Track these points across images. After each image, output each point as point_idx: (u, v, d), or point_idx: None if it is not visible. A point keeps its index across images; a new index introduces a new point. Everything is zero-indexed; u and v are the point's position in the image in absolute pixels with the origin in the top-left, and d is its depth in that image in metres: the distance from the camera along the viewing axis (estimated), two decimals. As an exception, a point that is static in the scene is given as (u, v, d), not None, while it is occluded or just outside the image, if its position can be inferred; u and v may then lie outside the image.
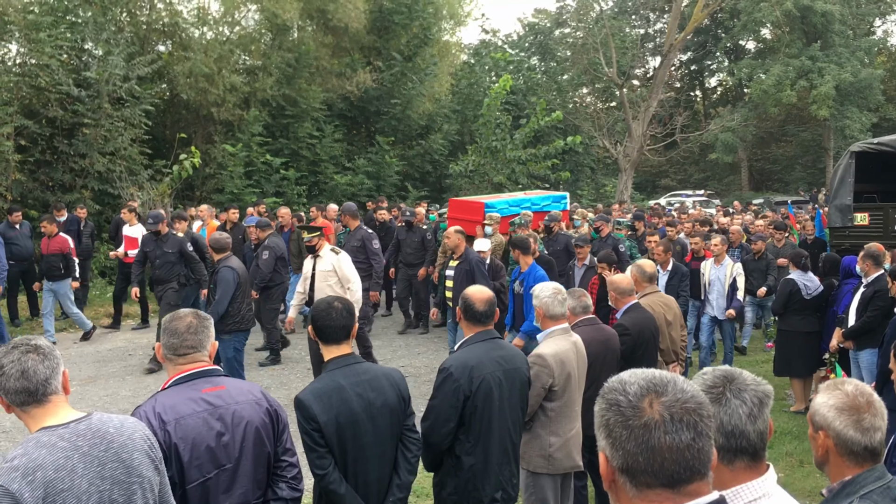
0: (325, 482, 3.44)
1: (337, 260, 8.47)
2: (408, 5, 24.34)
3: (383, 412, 3.56)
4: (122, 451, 2.60)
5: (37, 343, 2.64)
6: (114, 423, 2.65)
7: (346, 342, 3.68)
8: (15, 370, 2.55)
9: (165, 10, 20.95)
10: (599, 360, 5.02)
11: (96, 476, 2.49)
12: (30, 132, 15.53)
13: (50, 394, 2.59)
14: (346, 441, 3.47)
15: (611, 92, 33.45)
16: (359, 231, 10.32)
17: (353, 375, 3.57)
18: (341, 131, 23.29)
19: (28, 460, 2.39)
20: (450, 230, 9.42)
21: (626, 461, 1.52)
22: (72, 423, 2.56)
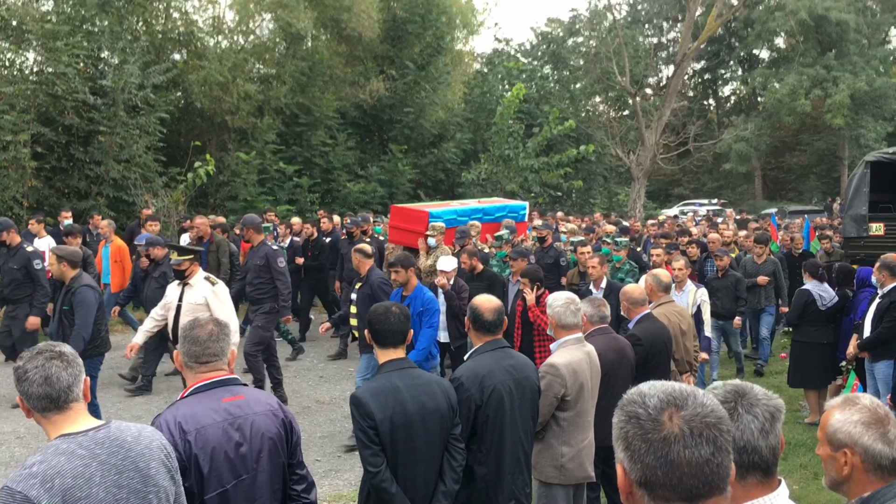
0: (377, 480, 3.48)
1: (211, 292, 7.13)
2: (421, 15, 24.42)
3: (434, 418, 3.62)
4: (140, 460, 2.61)
5: (61, 350, 2.65)
6: (131, 432, 2.66)
7: (402, 346, 3.76)
8: (38, 376, 2.56)
9: (181, 20, 21.16)
10: (614, 370, 5.01)
11: (113, 484, 2.51)
12: (46, 139, 15.67)
13: (71, 401, 2.60)
14: (399, 442, 3.53)
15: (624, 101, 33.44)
16: (262, 247, 9.07)
17: (408, 378, 3.64)
18: (354, 139, 23.36)
19: (47, 467, 2.41)
20: (354, 250, 8.08)
21: (645, 474, 1.51)
22: (90, 430, 2.57)
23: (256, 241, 9.18)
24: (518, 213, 12.94)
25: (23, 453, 7.32)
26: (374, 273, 7.83)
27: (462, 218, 11.73)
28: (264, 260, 8.92)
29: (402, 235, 11.53)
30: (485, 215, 12.25)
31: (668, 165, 32.84)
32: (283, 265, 9.03)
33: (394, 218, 12.31)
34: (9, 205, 14.67)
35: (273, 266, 8.89)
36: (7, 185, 14.72)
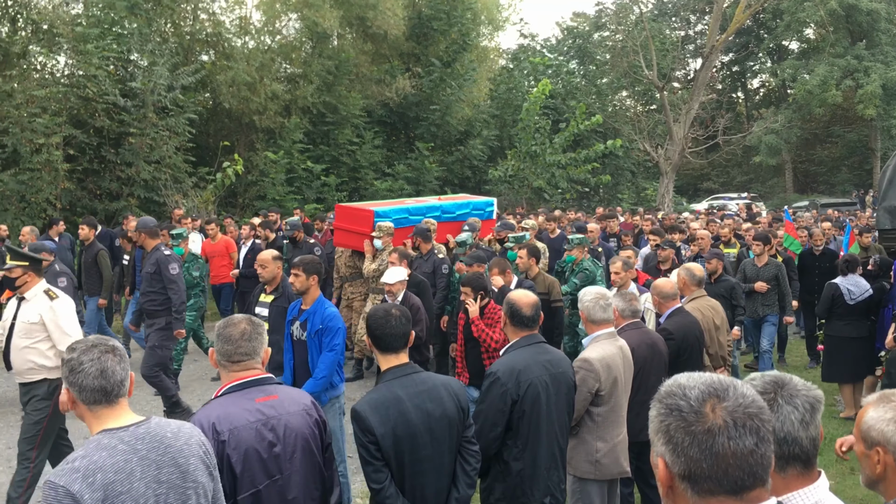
0: (381, 497, 3.36)
1: (49, 308, 5.81)
2: (446, 11, 24.42)
3: (442, 424, 3.47)
4: (179, 456, 2.64)
5: (114, 344, 2.70)
6: (171, 429, 2.69)
7: (404, 351, 3.60)
8: (95, 369, 2.59)
9: (208, 21, 21.34)
10: (647, 365, 4.97)
11: (153, 480, 2.54)
12: (78, 142, 15.89)
13: (121, 396, 2.65)
14: (404, 454, 3.39)
15: (651, 95, 33.15)
16: (154, 253, 8.25)
17: (411, 386, 3.48)
18: (381, 137, 23.42)
19: (89, 462, 2.44)
20: (265, 256, 6.98)
21: (689, 467, 1.50)
22: (132, 426, 2.61)
23: (150, 246, 8.38)
24: (484, 210, 11.66)
25: (60, 451, 7.43)
26: (288, 285, 6.66)
27: (415, 217, 10.62)
28: (155, 267, 8.17)
29: (347, 237, 10.49)
30: (443, 213, 11.02)
31: (697, 159, 32.58)
32: (176, 272, 8.22)
33: (338, 218, 11.10)
34: (42, 207, 14.90)
35: (165, 274, 8.12)
36: (40, 188, 14.95)
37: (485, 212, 11.59)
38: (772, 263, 9.61)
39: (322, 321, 5.59)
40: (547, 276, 8.15)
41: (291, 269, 5.80)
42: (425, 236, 9.55)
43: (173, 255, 8.44)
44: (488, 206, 11.88)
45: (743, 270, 9.73)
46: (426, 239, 9.49)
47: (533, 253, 8.09)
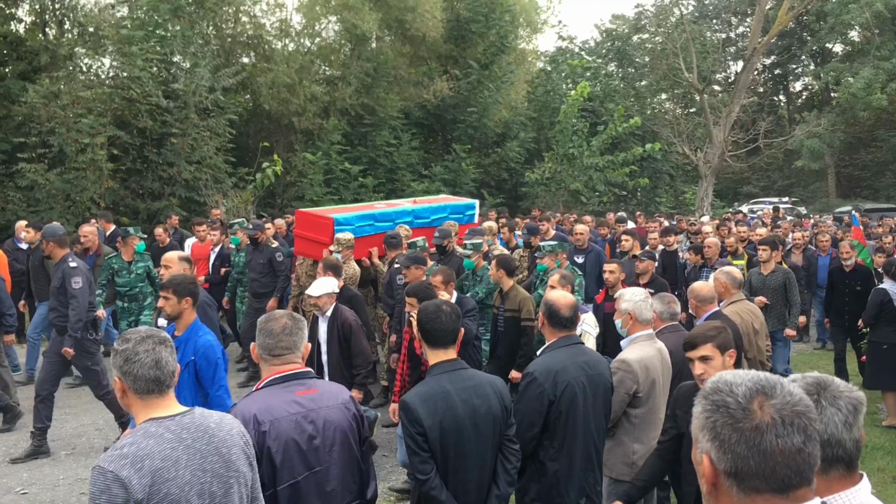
0: (426, 487, 3.40)
1: None
2: (485, 14, 24.43)
3: (487, 420, 3.52)
4: (222, 446, 2.69)
5: (165, 336, 2.77)
6: (214, 419, 2.75)
7: (453, 347, 3.65)
8: (150, 359, 2.66)
9: (249, 23, 21.64)
10: (685, 368, 4.91)
11: (198, 468, 2.59)
12: (122, 142, 16.19)
13: (171, 387, 2.72)
14: (449, 447, 3.44)
15: (691, 97, 32.83)
16: (61, 265, 7.58)
17: (458, 381, 3.53)
18: (418, 139, 23.50)
19: (137, 449, 2.50)
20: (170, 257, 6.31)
21: (736, 464, 1.49)
22: (177, 415, 2.67)
23: (58, 256, 7.64)
24: (464, 213, 10.85)
25: (101, 444, 7.59)
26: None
27: (382, 223, 9.79)
28: (61, 280, 7.51)
29: (306, 246, 9.74)
30: (416, 219, 10.19)
31: (737, 163, 32.13)
32: (80, 286, 7.48)
33: (298, 224, 10.25)
34: (86, 206, 15.21)
35: (67, 288, 7.45)
36: (85, 187, 15.27)
37: (464, 216, 10.81)
38: (779, 271, 8.99)
39: (195, 352, 4.72)
40: (520, 292, 7.38)
41: (161, 290, 5.05)
42: (391, 244, 8.99)
43: (80, 268, 7.62)
44: (469, 209, 11.04)
45: (749, 281, 8.91)
46: (393, 247, 8.91)
47: (503, 264, 7.36)
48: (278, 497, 3.16)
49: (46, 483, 6.71)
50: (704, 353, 3.82)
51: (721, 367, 3.72)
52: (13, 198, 15.14)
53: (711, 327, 3.90)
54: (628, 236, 9.85)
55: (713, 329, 3.86)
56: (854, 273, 9.62)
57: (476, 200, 11.71)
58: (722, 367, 3.72)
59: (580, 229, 10.56)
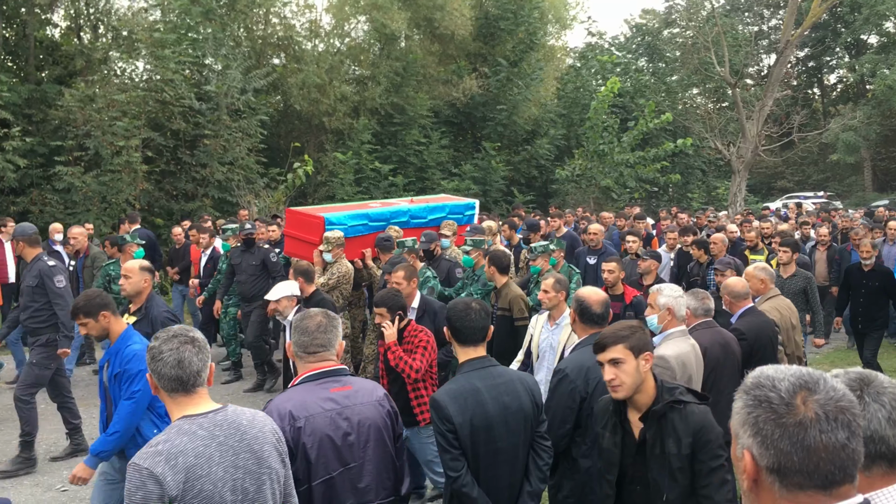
0: (458, 484, 3.41)
1: None
2: (513, 11, 24.38)
3: (517, 417, 3.52)
4: (254, 443, 2.73)
5: (193, 335, 2.80)
6: (246, 416, 2.79)
7: (482, 344, 3.67)
8: (172, 358, 2.70)
9: (280, 25, 21.83)
10: (720, 365, 4.89)
11: (231, 465, 2.63)
12: (156, 144, 16.41)
13: (198, 385, 2.75)
14: (480, 444, 3.45)
15: (723, 92, 32.43)
16: (36, 264, 7.28)
17: (488, 378, 3.54)
18: (448, 137, 23.52)
19: (171, 446, 2.55)
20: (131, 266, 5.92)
21: (779, 460, 1.48)
22: (210, 413, 2.71)
23: (30, 256, 7.40)
24: (463, 213, 10.48)
25: (140, 441, 7.69)
26: (155, 304, 5.82)
27: (376, 223, 9.44)
28: (38, 279, 7.21)
29: (297, 246, 9.43)
30: (412, 219, 9.87)
31: (771, 157, 31.74)
32: (63, 285, 7.27)
33: (288, 224, 9.99)
34: (122, 207, 15.43)
35: (49, 287, 7.19)
36: (120, 189, 15.49)
37: (464, 215, 10.45)
38: (800, 275, 8.46)
39: (121, 364, 4.57)
40: (511, 290, 7.10)
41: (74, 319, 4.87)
42: (384, 247, 8.65)
43: (58, 266, 7.40)
44: (468, 208, 10.74)
45: None
46: (385, 250, 8.59)
47: (495, 261, 7.12)
48: (313, 492, 3.19)
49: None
50: (615, 355, 3.26)
51: (634, 372, 3.24)
52: (51, 200, 15.41)
53: (624, 326, 3.37)
54: (634, 237, 9.56)
55: (626, 328, 3.34)
56: (873, 273, 9.00)
57: (476, 200, 11.38)
58: (636, 372, 3.24)
59: (594, 229, 10.20)
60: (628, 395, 3.25)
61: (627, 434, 3.33)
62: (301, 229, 9.43)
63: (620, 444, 3.34)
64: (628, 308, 7.06)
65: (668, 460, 3.17)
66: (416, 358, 5.19)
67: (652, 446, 3.22)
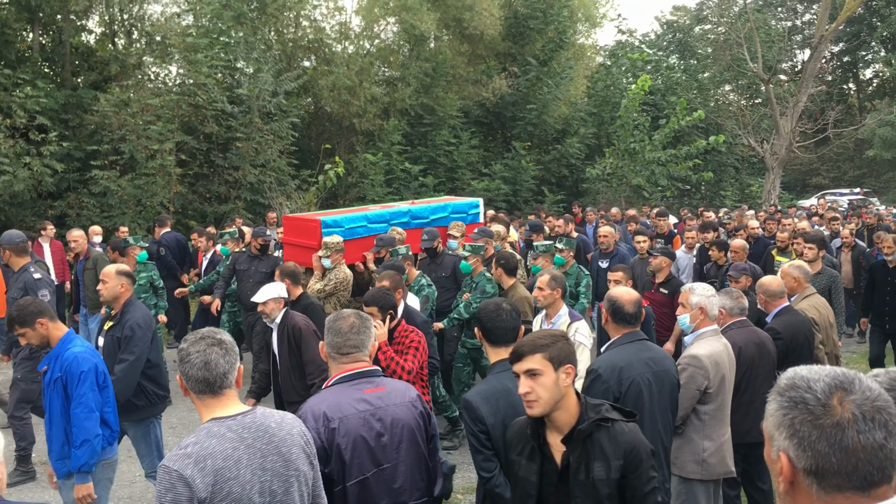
0: (491, 485, 3.40)
1: None
2: (542, 10, 24.31)
3: None
4: (282, 446, 2.75)
5: (221, 337, 2.82)
6: (275, 419, 2.81)
7: (513, 345, 3.63)
8: (199, 360, 2.72)
9: (310, 28, 21.99)
10: (755, 364, 4.85)
11: (258, 467, 2.66)
12: (189, 147, 16.62)
13: (225, 387, 2.76)
14: None
15: (756, 88, 32.04)
16: (22, 275, 7.06)
17: None
18: (478, 138, 23.52)
19: (200, 448, 2.58)
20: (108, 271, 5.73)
21: (816, 462, 1.46)
22: (239, 415, 2.73)
23: (18, 266, 7.14)
24: (466, 213, 10.14)
25: (174, 442, 7.80)
26: (133, 309, 5.63)
27: (375, 225, 9.12)
28: (22, 291, 6.94)
29: (296, 253, 9.08)
30: (412, 220, 9.53)
31: (805, 154, 31.29)
32: (48, 299, 6.90)
33: (287, 231, 9.69)
34: (156, 210, 15.65)
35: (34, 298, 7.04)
36: (155, 192, 15.71)
37: (468, 215, 10.10)
38: (826, 273, 8.18)
39: (62, 368, 4.48)
40: (518, 291, 6.98)
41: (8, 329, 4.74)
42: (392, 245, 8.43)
43: (44, 279, 7.12)
44: (472, 208, 10.37)
45: None
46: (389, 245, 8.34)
47: (502, 263, 7.01)
48: (347, 493, 3.20)
49: (124, 480, 6.93)
50: (531, 365, 2.89)
51: (553, 386, 2.86)
52: (87, 203, 15.69)
53: (545, 334, 3.00)
54: (643, 236, 9.23)
55: (546, 337, 2.97)
56: None
57: (480, 199, 11.00)
58: (554, 386, 2.86)
59: (604, 232, 9.82)
60: (545, 412, 2.89)
61: (547, 460, 2.99)
62: (299, 235, 9.17)
63: (539, 471, 2.99)
64: None
65: (595, 487, 2.86)
66: (408, 359, 5.01)
67: (576, 472, 2.89)
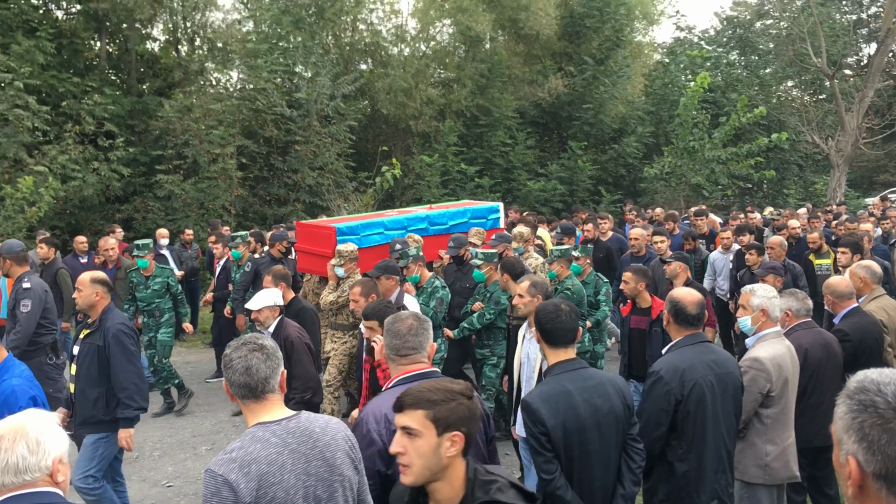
0: (551, 487, 3.41)
1: None
2: (599, 8, 24.11)
3: (609, 419, 3.51)
4: (326, 450, 2.79)
5: (263, 342, 2.86)
6: (319, 423, 2.85)
7: (572, 346, 3.68)
8: (241, 366, 2.77)
9: (367, 31, 22.20)
10: (821, 367, 4.75)
11: (303, 472, 2.69)
12: (249, 151, 16.97)
13: (267, 392, 2.80)
14: (573, 447, 3.44)
15: (820, 83, 31.25)
16: (17, 284, 7.01)
17: (579, 380, 3.54)
18: (534, 138, 23.43)
19: (244, 453, 2.62)
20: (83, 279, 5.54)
21: (886, 466, 1.45)
22: (283, 420, 2.78)
23: (17, 275, 7.00)
24: (486, 218, 9.84)
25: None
26: (111, 316, 5.46)
27: (392, 231, 8.84)
28: (15, 301, 6.90)
29: (309, 261, 8.91)
30: (431, 225, 9.25)
31: (872, 150, 30.39)
32: (28, 310, 6.82)
33: (300, 238, 9.36)
34: (218, 213, 16.01)
35: (17, 309, 6.86)
36: (217, 195, 16.08)
37: (487, 220, 9.84)
38: None
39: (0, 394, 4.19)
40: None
41: None
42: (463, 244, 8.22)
43: (33, 290, 6.93)
44: (492, 212, 10.07)
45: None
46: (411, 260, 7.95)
47: (507, 269, 6.66)
48: None
49: (189, 476, 7.13)
50: (409, 423, 2.39)
51: (430, 453, 2.35)
52: (153, 207, 16.13)
53: (440, 388, 2.44)
54: (662, 237, 8.80)
55: (439, 391, 2.42)
56: None
57: (500, 203, 10.66)
58: (432, 454, 2.35)
59: (635, 234, 9.51)
60: (418, 482, 2.40)
61: None
62: (312, 242, 8.89)
63: None
64: (655, 324, 6.37)
65: None
66: None
67: None
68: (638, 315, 6.65)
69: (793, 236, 10.65)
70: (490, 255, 7.65)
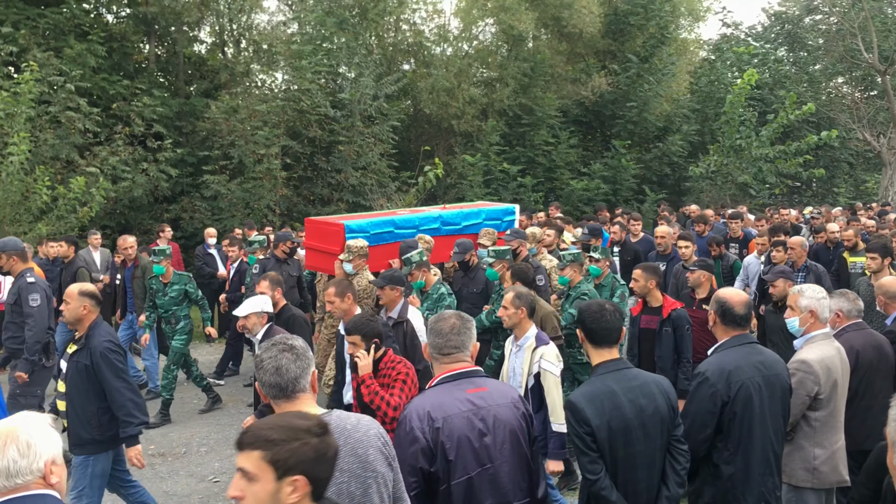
0: (596, 487, 3.41)
1: None
2: (643, 5, 23.85)
3: (654, 420, 3.50)
4: (358, 447, 2.81)
5: (292, 343, 2.90)
6: (351, 421, 2.87)
7: (616, 346, 3.66)
8: (271, 366, 2.81)
9: (410, 31, 22.29)
10: (873, 368, 4.66)
11: (335, 468, 2.71)
12: (293, 151, 17.15)
13: (298, 391, 2.83)
14: (618, 447, 3.43)
15: (871, 80, 30.56)
16: (19, 280, 6.92)
17: (624, 381, 3.53)
18: (577, 137, 23.28)
19: None
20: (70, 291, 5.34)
21: None
22: None
23: (17, 271, 6.98)
24: (501, 219, 9.58)
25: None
26: (98, 331, 5.30)
27: (403, 231, 8.66)
28: (16, 296, 6.84)
29: (318, 258, 8.83)
30: (443, 225, 9.05)
31: (926, 148, 29.60)
32: (37, 304, 6.75)
33: (309, 235, 9.24)
34: (263, 213, 16.23)
35: (24, 306, 6.77)
36: (262, 195, 16.29)
37: (503, 221, 9.56)
38: None
39: None
40: (542, 307, 6.29)
41: None
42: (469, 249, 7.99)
43: (38, 284, 6.89)
44: (507, 214, 9.81)
45: (857, 291, 6.77)
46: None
47: (518, 276, 6.43)
48: (452, 492, 3.24)
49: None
50: (244, 464, 2.16)
51: (267, 499, 2.13)
52: (200, 207, 16.41)
53: (282, 426, 2.20)
54: (687, 241, 8.41)
55: (283, 429, 2.19)
56: None
57: (516, 205, 10.37)
58: (269, 499, 2.13)
59: (661, 232, 9.32)
60: None
61: None
62: (321, 239, 8.79)
63: None
64: (665, 323, 6.18)
65: None
66: (394, 393, 4.57)
67: None
68: (648, 314, 6.42)
69: (831, 241, 10.35)
70: (502, 252, 7.44)
